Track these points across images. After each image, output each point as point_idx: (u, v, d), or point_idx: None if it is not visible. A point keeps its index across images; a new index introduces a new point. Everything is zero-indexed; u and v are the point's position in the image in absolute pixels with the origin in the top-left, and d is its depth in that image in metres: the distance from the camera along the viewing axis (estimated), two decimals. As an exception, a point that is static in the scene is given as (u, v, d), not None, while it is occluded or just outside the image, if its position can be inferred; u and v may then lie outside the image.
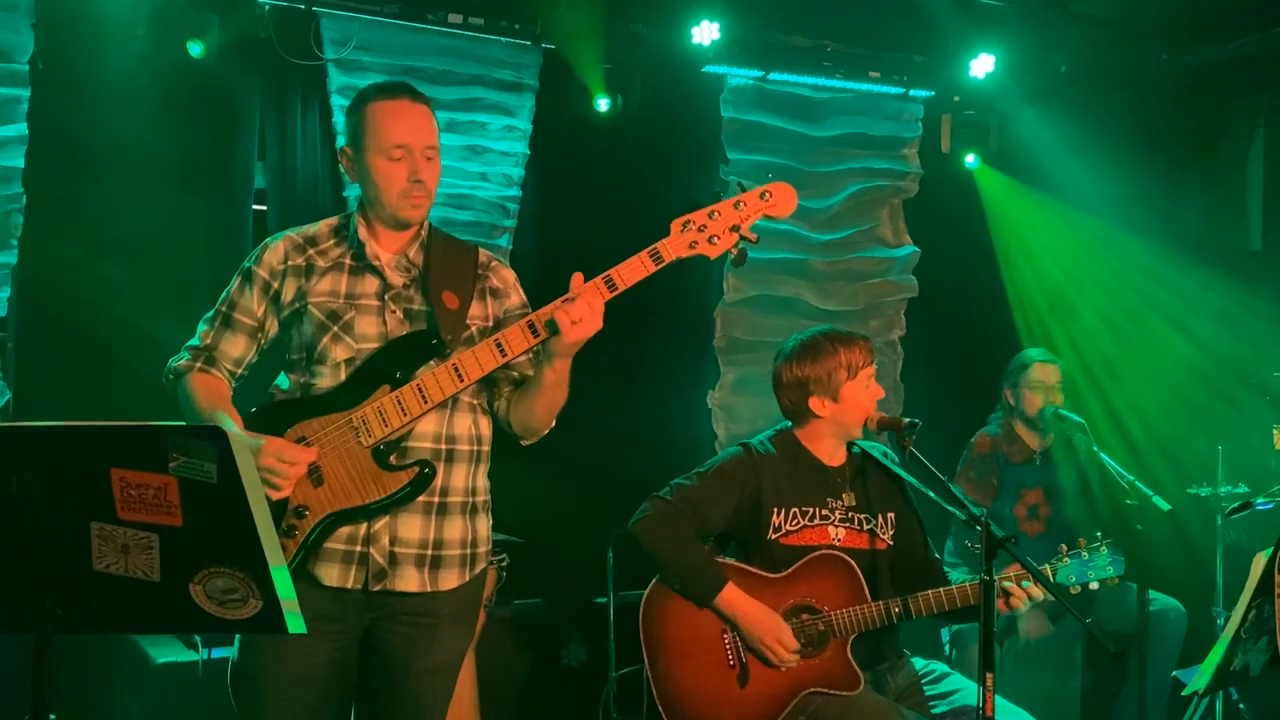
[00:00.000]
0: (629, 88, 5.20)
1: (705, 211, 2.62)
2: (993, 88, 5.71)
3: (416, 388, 2.55)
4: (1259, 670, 2.70)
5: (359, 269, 2.67)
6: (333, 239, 2.72)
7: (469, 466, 2.69)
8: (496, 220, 5.10)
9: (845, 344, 3.25)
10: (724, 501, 3.22)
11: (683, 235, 2.60)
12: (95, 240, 4.40)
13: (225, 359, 2.71)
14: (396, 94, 2.66)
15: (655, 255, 2.59)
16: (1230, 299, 5.42)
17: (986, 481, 4.55)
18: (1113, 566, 3.08)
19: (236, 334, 2.70)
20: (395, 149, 2.60)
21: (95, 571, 1.84)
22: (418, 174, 2.62)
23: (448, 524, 2.65)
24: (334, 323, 2.62)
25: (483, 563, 2.76)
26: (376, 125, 2.62)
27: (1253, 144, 5.89)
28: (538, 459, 5.21)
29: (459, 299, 2.65)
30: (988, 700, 2.57)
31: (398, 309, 2.65)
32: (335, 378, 2.60)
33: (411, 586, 2.61)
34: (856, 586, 3.14)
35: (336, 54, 4.72)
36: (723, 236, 2.61)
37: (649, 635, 3.18)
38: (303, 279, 2.66)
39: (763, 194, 2.64)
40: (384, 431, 2.55)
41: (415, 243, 2.71)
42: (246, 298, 2.69)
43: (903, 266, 5.96)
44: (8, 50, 4.26)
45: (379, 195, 2.64)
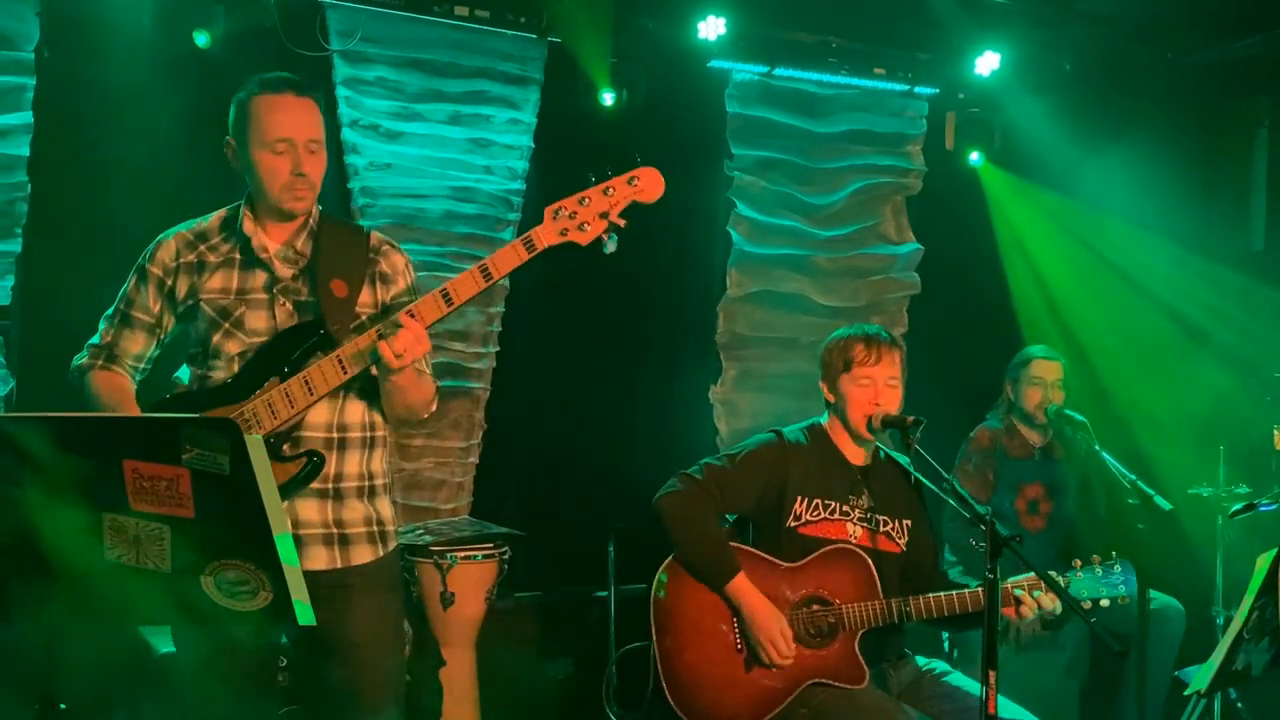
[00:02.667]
0: (634, 82, 5.19)
1: (576, 198, 2.62)
2: (997, 85, 5.71)
3: (303, 380, 2.58)
4: (1260, 671, 2.71)
5: (248, 263, 2.70)
6: (223, 233, 2.75)
7: (362, 452, 2.73)
8: (500, 213, 5.10)
9: (856, 338, 3.29)
10: (751, 486, 3.25)
11: (555, 222, 2.61)
12: (99, 229, 4.39)
13: (126, 355, 2.76)
14: (280, 88, 2.67)
15: (528, 243, 2.61)
16: (1233, 299, 5.42)
17: (983, 475, 4.56)
18: (1125, 585, 3.09)
19: (135, 331, 2.75)
20: (278, 143, 2.63)
21: (107, 562, 1.85)
22: (300, 167, 2.64)
23: (345, 507, 2.70)
24: (225, 319, 2.67)
25: (393, 541, 2.80)
26: (259, 119, 2.64)
27: (1256, 144, 5.89)
28: (538, 452, 5.27)
29: (348, 287, 2.67)
30: (990, 698, 2.58)
31: (287, 301, 2.68)
32: (229, 371, 2.65)
33: (321, 564, 2.65)
34: (870, 583, 3.17)
35: (342, 45, 4.72)
36: (593, 223, 2.62)
37: (659, 611, 3.20)
38: (195, 275, 2.70)
39: (630, 179, 2.65)
40: (274, 423, 2.58)
41: (303, 232, 2.73)
42: (142, 295, 2.73)
43: (906, 263, 5.96)
44: (13, 39, 4.25)
45: (262, 187, 2.67)
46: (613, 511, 4.84)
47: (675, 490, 3.23)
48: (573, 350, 5.34)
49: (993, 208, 6.10)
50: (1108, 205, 5.73)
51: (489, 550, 4.31)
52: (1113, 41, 5.67)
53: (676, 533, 3.19)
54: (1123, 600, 3.09)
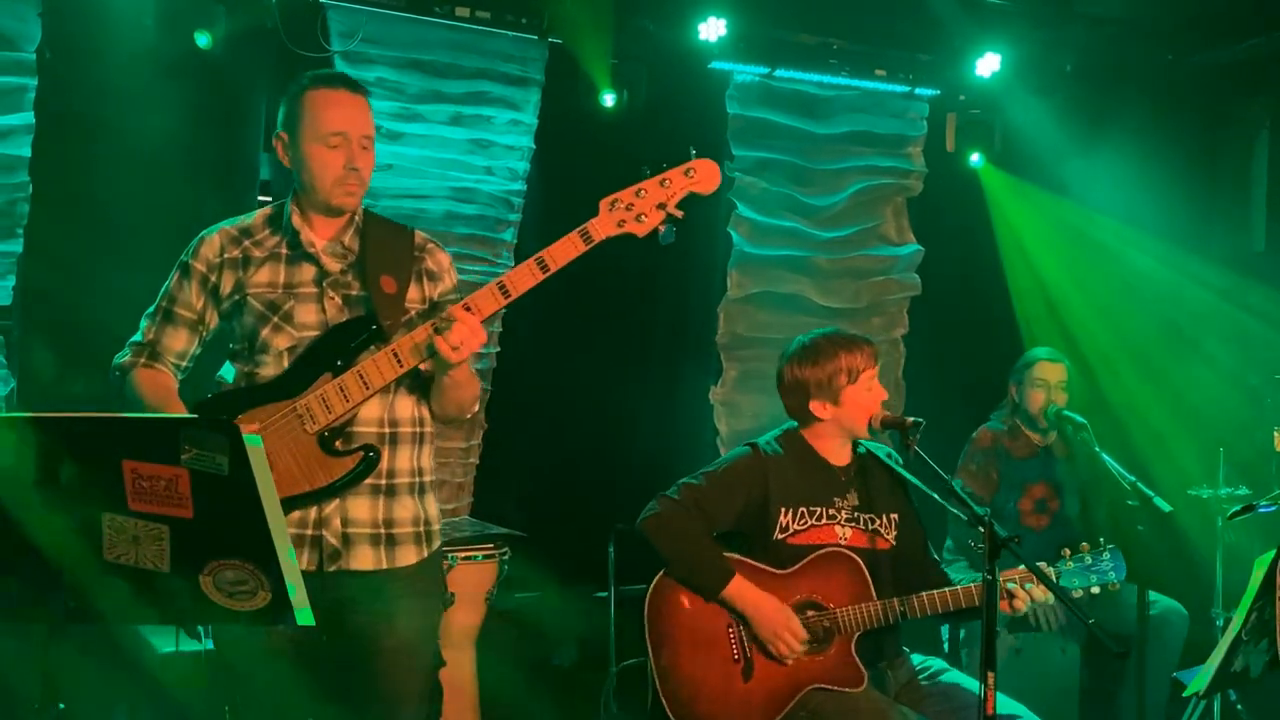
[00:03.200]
0: (635, 83, 5.20)
1: (632, 190, 2.63)
2: (998, 87, 5.71)
3: (358, 374, 2.57)
4: (1259, 672, 2.71)
5: (295, 257, 2.69)
6: (267, 228, 2.74)
7: (413, 448, 2.73)
8: (501, 214, 5.10)
9: (847, 347, 3.24)
10: (731, 502, 3.22)
11: (611, 214, 2.62)
12: (100, 229, 4.40)
13: (169, 353, 2.74)
14: (335, 84, 2.69)
15: (585, 235, 2.62)
16: (1233, 300, 5.42)
17: (986, 475, 4.57)
18: (1115, 571, 3.08)
19: (178, 328, 2.73)
20: (333, 136, 2.63)
21: (106, 562, 1.85)
22: (354, 162, 2.65)
23: (397, 504, 2.69)
24: (274, 313, 2.65)
25: (437, 540, 2.79)
26: (314, 113, 2.65)
27: (1257, 145, 5.89)
28: (539, 453, 5.27)
29: (397, 283, 2.67)
30: (989, 698, 2.58)
31: (336, 295, 2.67)
32: (278, 366, 2.63)
33: (367, 565, 2.64)
34: (863, 584, 3.16)
35: (343, 46, 4.72)
36: (650, 214, 2.63)
37: (654, 628, 3.18)
38: (240, 271, 2.69)
39: (687, 170, 2.66)
40: (328, 418, 2.57)
41: (350, 228, 2.73)
42: (185, 292, 2.72)
43: (906, 265, 5.96)
44: (15, 39, 4.26)
45: (314, 182, 2.66)
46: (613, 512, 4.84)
47: (656, 512, 3.20)
48: (573, 351, 5.35)
49: (993, 209, 6.10)
50: (1108, 206, 5.74)
51: (489, 551, 4.31)
52: (1113, 43, 5.67)
53: (665, 549, 3.17)
54: (1113, 587, 3.08)
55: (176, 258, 4.53)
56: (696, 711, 3.12)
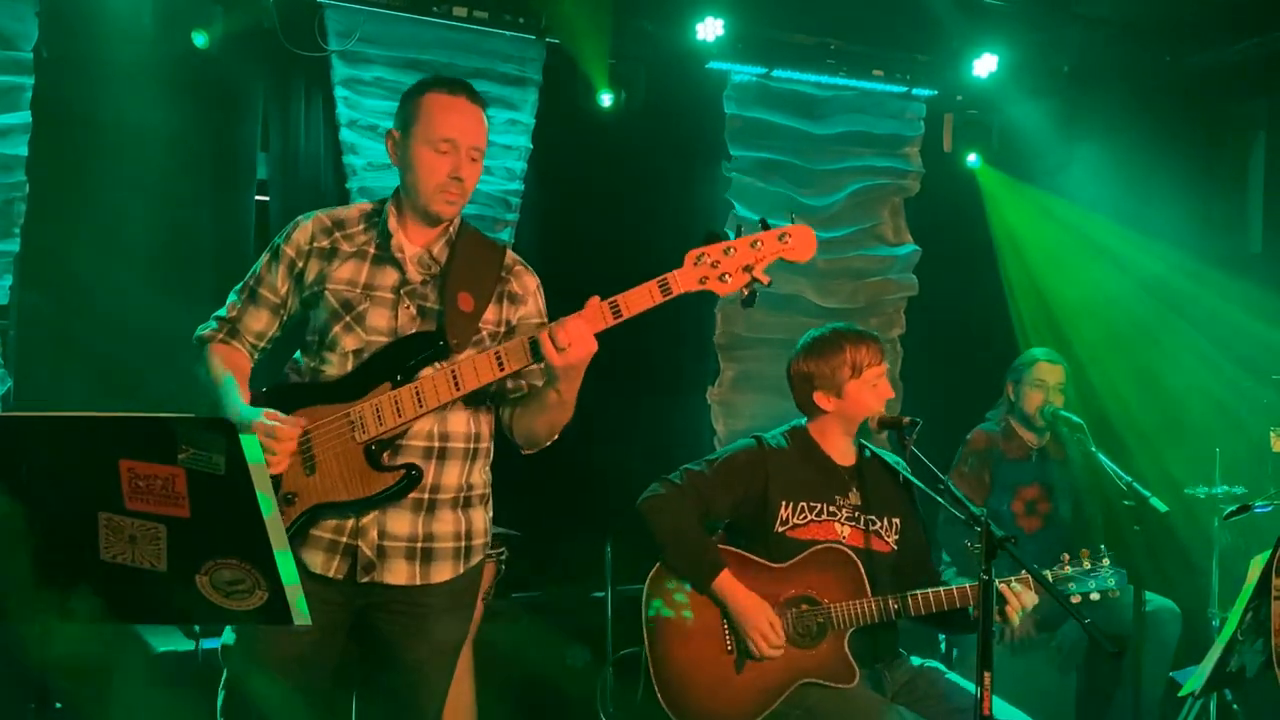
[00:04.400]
0: (633, 83, 5.20)
1: (721, 247, 2.56)
2: (995, 87, 5.72)
3: (414, 391, 2.55)
4: (1255, 672, 2.72)
5: (381, 259, 2.67)
6: (362, 224, 2.72)
7: (463, 464, 2.69)
8: (498, 214, 5.10)
9: (853, 342, 3.28)
10: (730, 491, 3.25)
11: (695, 269, 2.56)
12: (98, 229, 4.40)
13: (248, 332, 2.73)
14: (455, 90, 2.66)
15: (664, 287, 2.56)
16: (1230, 301, 5.43)
17: (979, 478, 4.57)
18: (1114, 579, 3.10)
19: (260, 309, 2.72)
20: (443, 142, 2.61)
21: (103, 561, 1.85)
22: (459, 171, 2.62)
23: (437, 520, 2.65)
24: (347, 312, 2.63)
25: (479, 555, 2.75)
26: (430, 115, 2.62)
27: (1254, 146, 5.90)
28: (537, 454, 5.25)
29: (475, 301, 2.64)
30: (985, 699, 2.58)
31: (411, 305, 2.64)
32: (342, 367, 2.61)
33: (401, 579, 2.61)
34: (858, 581, 3.17)
35: (340, 46, 4.72)
36: (735, 275, 2.57)
37: (650, 617, 3.20)
38: (325, 262, 2.67)
39: (781, 236, 2.60)
40: (378, 430, 2.54)
41: (442, 239, 2.70)
42: (272, 274, 2.71)
43: (903, 265, 5.97)
44: (12, 38, 4.25)
45: (416, 184, 2.64)
46: (610, 512, 4.85)
47: (657, 494, 3.24)
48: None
49: (990, 209, 6.11)
50: (1105, 207, 5.74)
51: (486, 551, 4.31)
52: (1110, 44, 5.68)
53: (660, 534, 3.20)
54: (1112, 594, 3.10)
55: (174, 256, 4.57)
56: (689, 701, 3.14)
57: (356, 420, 2.54)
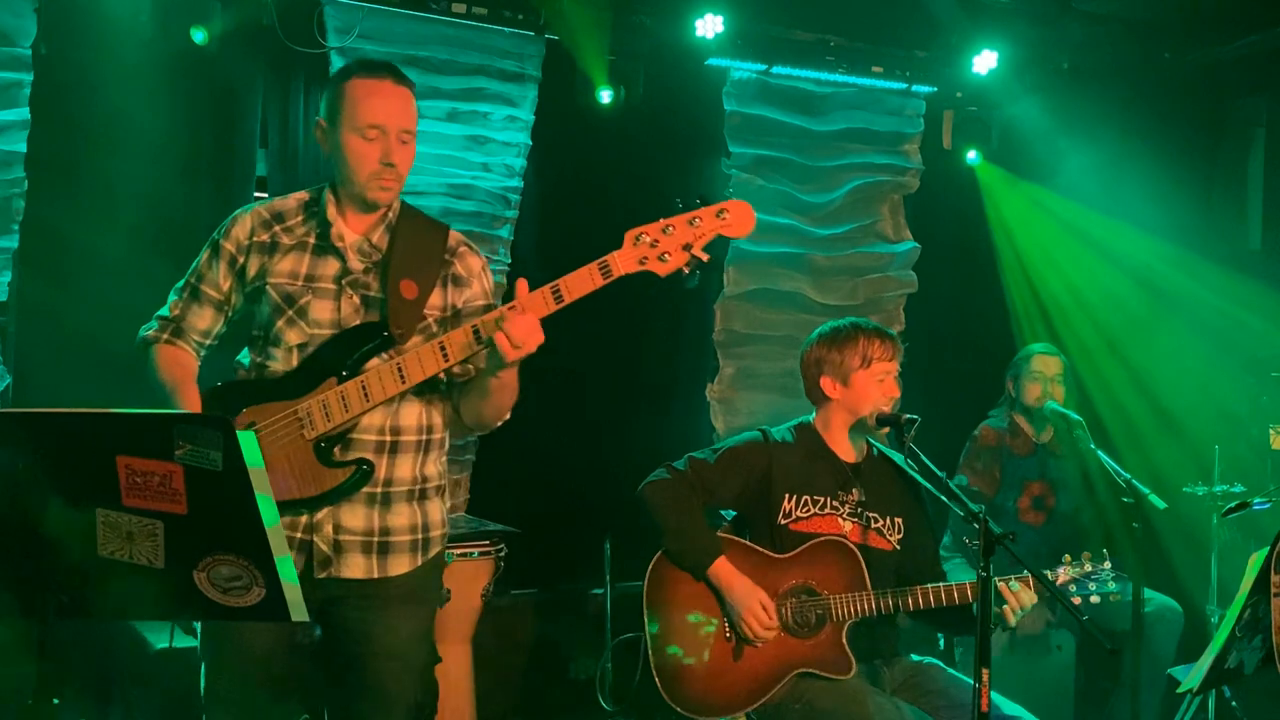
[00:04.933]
0: (632, 80, 5.19)
1: (659, 226, 2.53)
2: (995, 84, 5.71)
3: (360, 385, 2.52)
4: (1253, 669, 2.72)
5: (322, 249, 2.64)
6: (301, 215, 2.69)
7: (416, 456, 2.66)
8: (498, 211, 5.10)
9: (867, 334, 3.32)
10: (732, 481, 3.28)
11: (635, 249, 2.53)
12: (96, 225, 4.39)
13: (193, 330, 2.71)
14: (378, 73, 2.62)
15: (605, 269, 2.53)
16: (1229, 298, 5.43)
17: (990, 474, 4.58)
18: (1115, 582, 3.10)
19: (203, 306, 2.70)
20: (370, 129, 2.57)
21: (100, 558, 1.85)
22: (390, 156, 2.58)
23: (392, 513, 2.63)
24: (289, 306, 2.61)
25: (437, 547, 2.73)
26: (354, 102, 2.58)
27: (1253, 143, 5.90)
28: (536, 450, 5.27)
29: (418, 288, 2.61)
30: (983, 696, 2.58)
31: (355, 295, 2.62)
32: (287, 362, 2.59)
33: (358, 573, 2.59)
34: (858, 575, 3.19)
35: (340, 42, 4.71)
36: (674, 254, 2.54)
37: (651, 599, 3.24)
38: (267, 256, 2.64)
39: (719, 212, 2.56)
40: (326, 426, 2.52)
41: (381, 225, 2.67)
42: (213, 271, 2.68)
43: (903, 262, 5.96)
44: (10, 34, 4.25)
45: (349, 173, 2.61)
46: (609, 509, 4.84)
47: (660, 479, 3.28)
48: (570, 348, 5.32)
49: (990, 206, 6.11)
50: (1105, 204, 5.74)
51: (485, 548, 4.32)
52: (1110, 40, 5.67)
53: (660, 519, 3.23)
54: (1113, 598, 3.10)
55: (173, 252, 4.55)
56: (685, 686, 3.16)
57: (304, 417, 2.52)
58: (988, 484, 4.55)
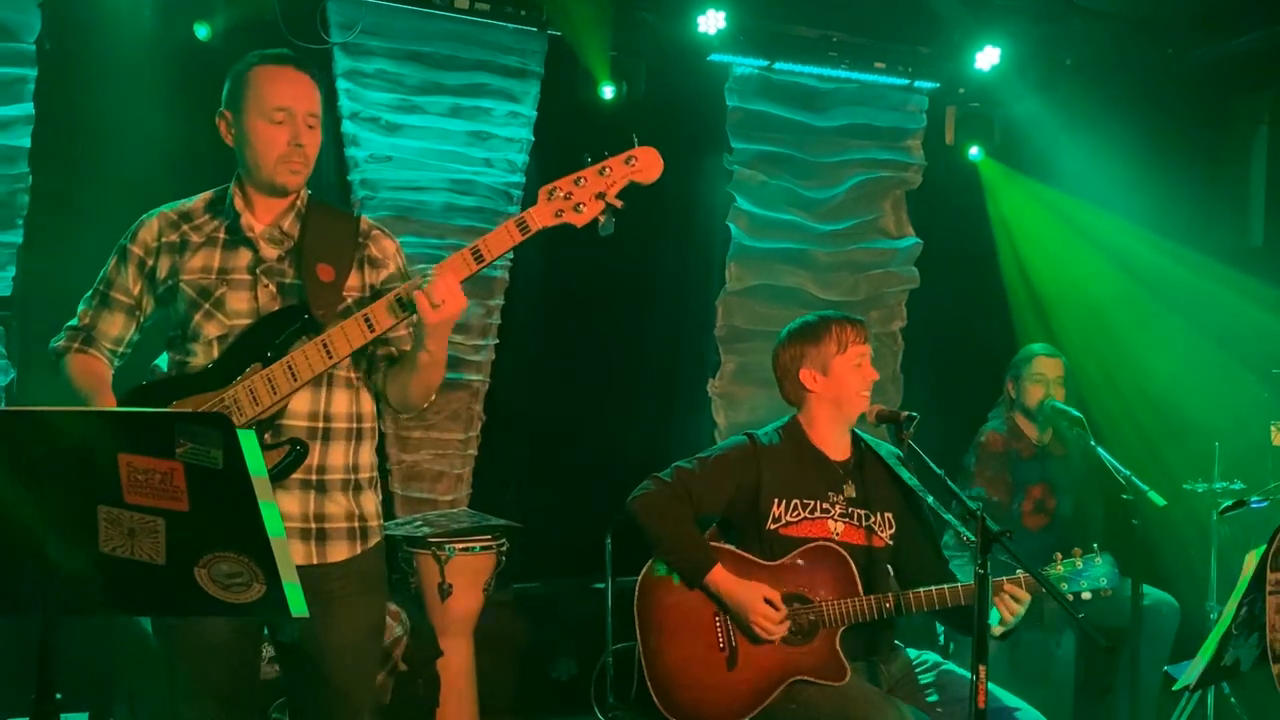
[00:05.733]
0: (634, 75, 5.20)
1: (571, 179, 2.55)
2: (997, 80, 5.71)
3: (287, 365, 2.51)
4: (1249, 666, 2.72)
5: (233, 243, 2.63)
6: (208, 213, 2.69)
7: (348, 444, 2.65)
8: (500, 206, 5.11)
9: (838, 322, 3.31)
10: (720, 489, 3.24)
11: (549, 203, 2.54)
12: (100, 220, 4.39)
13: (104, 338, 2.69)
14: (281, 61, 2.65)
15: (522, 225, 2.54)
16: (1231, 294, 5.42)
17: (1003, 480, 4.53)
18: (1106, 578, 3.07)
19: (114, 313, 2.68)
20: (277, 112, 2.58)
21: (102, 554, 1.86)
22: (299, 138, 2.59)
23: (328, 500, 2.62)
24: (205, 299, 2.59)
25: (376, 536, 2.71)
26: (259, 89, 2.60)
27: (1256, 140, 5.89)
28: (537, 445, 5.29)
29: (335, 270, 2.60)
30: (980, 691, 2.59)
31: (270, 283, 2.61)
32: (208, 355, 2.58)
33: (298, 559, 2.55)
34: (849, 579, 3.16)
35: (342, 38, 4.73)
36: (589, 204, 2.55)
37: (643, 614, 3.21)
38: (176, 255, 2.63)
39: (628, 159, 2.59)
40: (255, 410, 2.51)
41: (291, 213, 2.66)
42: (122, 276, 2.67)
43: (905, 258, 5.97)
44: (15, 30, 4.27)
45: (257, 159, 2.60)
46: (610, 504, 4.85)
47: (647, 491, 3.23)
48: (571, 343, 5.36)
49: (992, 203, 6.11)
50: (1107, 201, 5.73)
51: (487, 542, 4.34)
52: (1113, 37, 5.67)
53: (652, 532, 3.20)
54: (1104, 594, 3.08)
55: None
56: (681, 697, 3.15)
57: (231, 405, 2.51)
58: (1003, 491, 4.50)
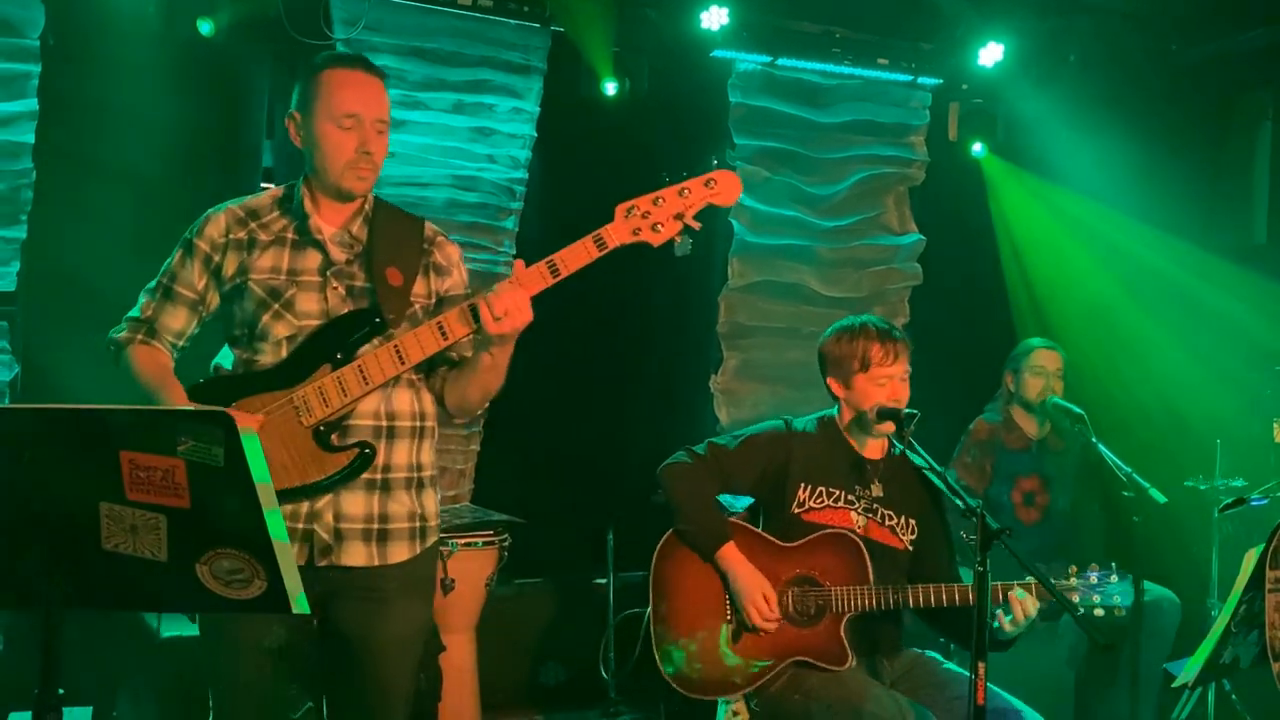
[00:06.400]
0: (637, 71, 5.20)
1: (649, 198, 2.58)
2: (1001, 76, 5.71)
3: (358, 368, 2.54)
4: (1249, 664, 2.73)
5: (301, 244, 2.65)
6: (275, 210, 2.69)
7: (411, 443, 2.68)
8: (503, 202, 5.12)
9: (869, 336, 3.29)
10: (750, 468, 3.32)
11: (626, 221, 2.58)
12: (104, 216, 4.42)
13: (166, 331, 2.70)
14: (352, 64, 2.65)
15: (599, 241, 2.57)
16: (1234, 292, 5.42)
17: (981, 468, 4.57)
18: (1120, 596, 3.05)
19: (177, 306, 2.69)
20: (346, 118, 2.58)
21: (104, 551, 1.87)
22: (366, 145, 2.60)
23: (392, 500, 2.65)
24: (275, 300, 2.61)
25: (433, 536, 2.75)
26: (329, 92, 2.60)
27: (1259, 137, 5.88)
28: (540, 441, 5.29)
29: (403, 275, 2.62)
30: (979, 688, 2.60)
31: (340, 285, 2.63)
32: (277, 355, 2.59)
33: (359, 560, 2.61)
34: (861, 569, 3.21)
35: (346, 34, 4.73)
36: (666, 224, 2.59)
37: (658, 577, 3.29)
38: (244, 253, 2.64)
39: (708, 181, 2.61)
40: (324, 412, 2.53)
41: (359, 217, 2.68)
42: (187, 270, 2.67)
43: (907, 254, 5.97)
44: (18, 25, 4.27)
45: (325, 164, 2.61)
46: (612, 499, 4.87)
47: (680, 461, 3.33)
48: (574, 339, 5.36)
49: (995, 199, 6.11)
50: (1110, 197, 5.73)
51: (489, 537, 4.34)
52: (1117, 33, 5.66)
53: (676, 499, 3.28)
54: (1118, 612, 3.05)
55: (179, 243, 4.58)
56: (683, 663, 3.22)
57: (300, 405, 2.53)
58: (977, 478, 4.54)
